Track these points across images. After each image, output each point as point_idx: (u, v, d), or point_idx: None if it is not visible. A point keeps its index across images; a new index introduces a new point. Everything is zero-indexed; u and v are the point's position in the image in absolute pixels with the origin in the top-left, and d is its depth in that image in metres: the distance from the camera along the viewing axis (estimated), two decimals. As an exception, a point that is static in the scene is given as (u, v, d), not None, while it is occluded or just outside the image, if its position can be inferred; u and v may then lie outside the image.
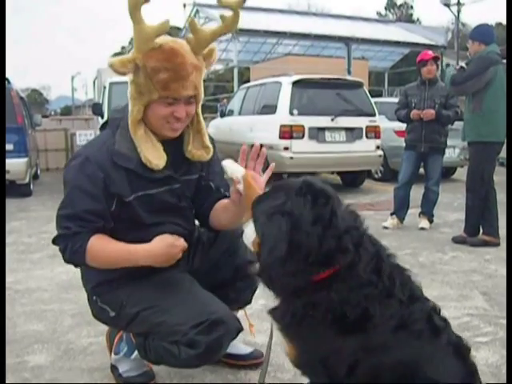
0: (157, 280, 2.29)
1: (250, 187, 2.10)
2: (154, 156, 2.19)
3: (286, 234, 1.60)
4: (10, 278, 4.40)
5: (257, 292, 2.64)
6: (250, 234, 1.81)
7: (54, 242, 2.23)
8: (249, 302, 2.70)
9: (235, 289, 2.56)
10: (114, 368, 2.60)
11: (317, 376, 1.72)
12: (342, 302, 1.60)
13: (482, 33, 5.36)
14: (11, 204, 8.47)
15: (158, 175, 2.23)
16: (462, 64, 5.56)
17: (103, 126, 2.12)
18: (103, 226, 2.20)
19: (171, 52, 2.08)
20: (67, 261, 2.23)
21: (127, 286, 2.30)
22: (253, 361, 2.73)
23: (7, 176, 8.86)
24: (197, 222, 2.60)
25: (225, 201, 2.41)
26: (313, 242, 1.60)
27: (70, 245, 2.15)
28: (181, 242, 2.23)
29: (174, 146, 2.29)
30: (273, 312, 1.78)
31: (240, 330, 2.28)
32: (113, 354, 2.61)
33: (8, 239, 5.97)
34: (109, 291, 2.33)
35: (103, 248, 2.18)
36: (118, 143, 2.21)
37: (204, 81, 2.32)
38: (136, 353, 2.44)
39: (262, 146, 2.21)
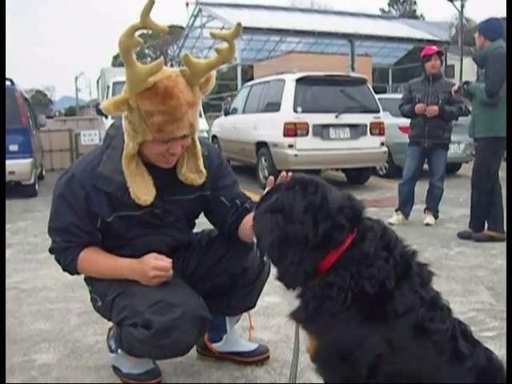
0: None
1: None
2: (143, 192, 2.20)
3: (271, 230, 1.68)
4: (16, 278, 4.42)
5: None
6: None
7: (50, 252, 2.39)
8: (252, 306, 2.70)
9: (236, 296, 2.56)
10: (116, 369, 2.60)
11: (334, 374, 1.69)
12: (354, 277, 1.61)
13: (490, 29, 5.28)
14: (17, 204, 8.51)
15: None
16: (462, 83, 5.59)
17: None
18: (89, 240, 2.31)
19: (165, 94, 2.01)
20: (63, 270, 2.41)
21: None
22: (258, 357, 2.73)
23: (12, 177, 8.87)
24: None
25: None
26: (308, 229, 1.66)
27: (63, 259, 2.33)
28: (160, 265, 2.24)
29: (165, 169, 2.27)
30: (294, 314, 1.77)
31: (205, 319, 2.26)
32: (110, 354, 2.63)
33: (14, 239, 6.00)
34: (98, 280, 2.39)
35: (92, 263, 2.33)
36: (103, 164, 2.24)
37: None
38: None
39: (287, 172, 2.05)
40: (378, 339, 1.60)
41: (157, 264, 2.23)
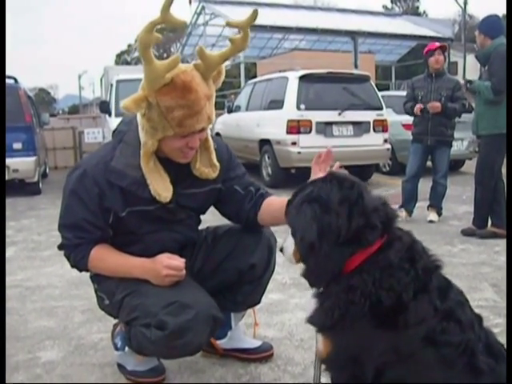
0: None
1: None
2: (162, 188, 2.21)
3: (313, 219, 1.64)
4: (20, 276, 4.44)
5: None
6: (289, 247, 1.80)
7: (59, 248, 2.40)
8: (258, 302, 2.71)
9: (242, 292, 2.57)
10: (121, 367, 2.60)
11: (342, 375, 1.69)
12: (375, 284, 1.59)
13: (490, 26, 5.27)
14: (21, 202, 8.53)
15: (151, 196, 2.24)
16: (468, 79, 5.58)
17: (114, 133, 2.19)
18: (101, 236, 2.30)
19: (184, 88, 2.03)
20: (72, 266, 2.41)
21: None
22: (262, 354, 2.73)
23: (16, 175, 8.91)
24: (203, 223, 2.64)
25: (272, 206, 2.40)
26: (342, 221, 1.63)
27: (73, 255, 2.33)
28: (173, 264, 2.24)
29: (179, 164, 2.28)
30: (313, 318, 1.73)
31: (217, 319, 2.26)
32: (115, 351, 2.63)
33: (18, 237, 6.02)
34: (105, 279, 2.38)
35: (103, 260, 2.32)
36: (116, 159, 2.24)
37: None
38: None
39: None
40: (387, 347, 1.59)
41: (170, 263, 2.23)
